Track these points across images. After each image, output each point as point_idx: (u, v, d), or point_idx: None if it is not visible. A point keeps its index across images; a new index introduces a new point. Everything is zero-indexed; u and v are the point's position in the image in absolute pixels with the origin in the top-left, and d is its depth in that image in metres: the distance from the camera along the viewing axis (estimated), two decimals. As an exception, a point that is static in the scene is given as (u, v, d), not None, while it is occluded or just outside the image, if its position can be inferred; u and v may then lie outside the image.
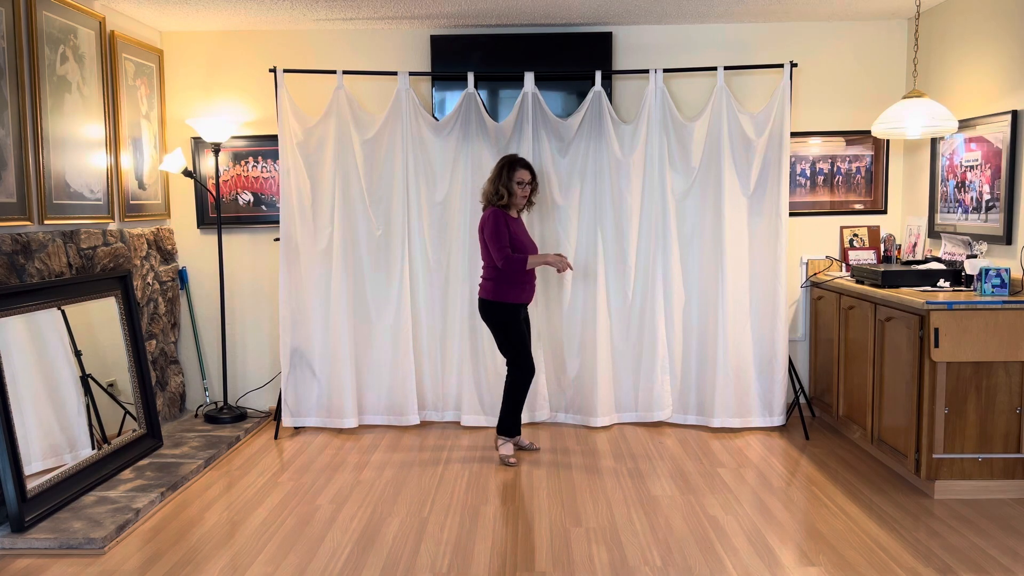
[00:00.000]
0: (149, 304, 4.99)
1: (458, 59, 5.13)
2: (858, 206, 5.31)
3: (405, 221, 5.01)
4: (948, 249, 4.55)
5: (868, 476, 4.15)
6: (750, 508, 3.73)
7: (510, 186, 4.34)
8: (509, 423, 4.44)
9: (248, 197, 5.35)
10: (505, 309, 4.35)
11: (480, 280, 4.50)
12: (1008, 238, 4.13)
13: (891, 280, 4.24)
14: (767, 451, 4.58)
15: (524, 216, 4.88)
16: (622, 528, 3.52)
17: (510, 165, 4.36)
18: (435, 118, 5.10)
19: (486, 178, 4.99)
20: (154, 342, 5.03)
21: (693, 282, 5.04)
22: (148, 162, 5.06)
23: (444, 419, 5.21)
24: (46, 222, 4.01)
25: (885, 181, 5.28)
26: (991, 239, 4.24)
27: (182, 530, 3.58)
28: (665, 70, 4.99)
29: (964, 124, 4.48)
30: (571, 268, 4.51)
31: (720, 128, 4.89)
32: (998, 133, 4.19)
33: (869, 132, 5.20)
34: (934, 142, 4.83)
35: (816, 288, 5.12)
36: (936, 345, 3.70)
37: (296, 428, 5.12)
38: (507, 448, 4.42)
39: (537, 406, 5.10)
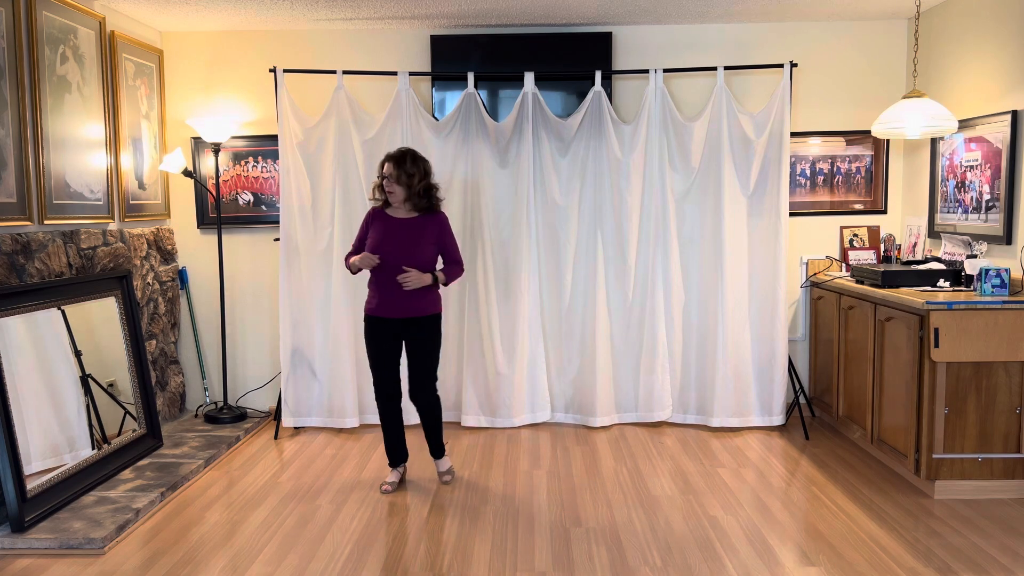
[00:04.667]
0: (149, 304, 4.99)
1: (458, 59, 5.13)
2: (858, 206, 5.31)
3: (405, 221, 5.01)
4: (948, 249, 4.55)
5: (868, 476, 4.15)
6: (750, 508, 3.73)
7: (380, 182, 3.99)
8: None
9: (248, 197, 5.35)
10: (365, 321, 4.00)
11: None
12: (1008, 238, 4.13)
13: (891, 280, 4.23)
14: (767, 451, 4.58)
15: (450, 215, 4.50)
16: (622, 528, 3.52)
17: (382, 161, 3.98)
18: (435, 118, 5.10)
19: (485, 178, 5.00)
20: (154, 342, 5.03)
21: (693, 282, 5.04)
22: (148, 162, 5.06)
23: (444, 419, 5.19)
24: (46, 222, 4.01)
25: (885, 181, 5.28)
26: (991, 239, 4.24)
27: (182, 530, 3.58)
28: (665, 70, 4.99)
29: (964, 124, 4.48)
30: (378, 263, 3.86)
31: (720, 128, 4.89)
32: (998, 133, 4.19)
33: (869, 132, 5.20)
34: (934, 142, 4.83)
35: (816, 288, 5.12)
36: (936, 345, 3.70)
37: (296, 428, 5.12)
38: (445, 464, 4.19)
39: (537, 406, 5.11)
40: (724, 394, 4.94)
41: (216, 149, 5.08)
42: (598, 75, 4.95)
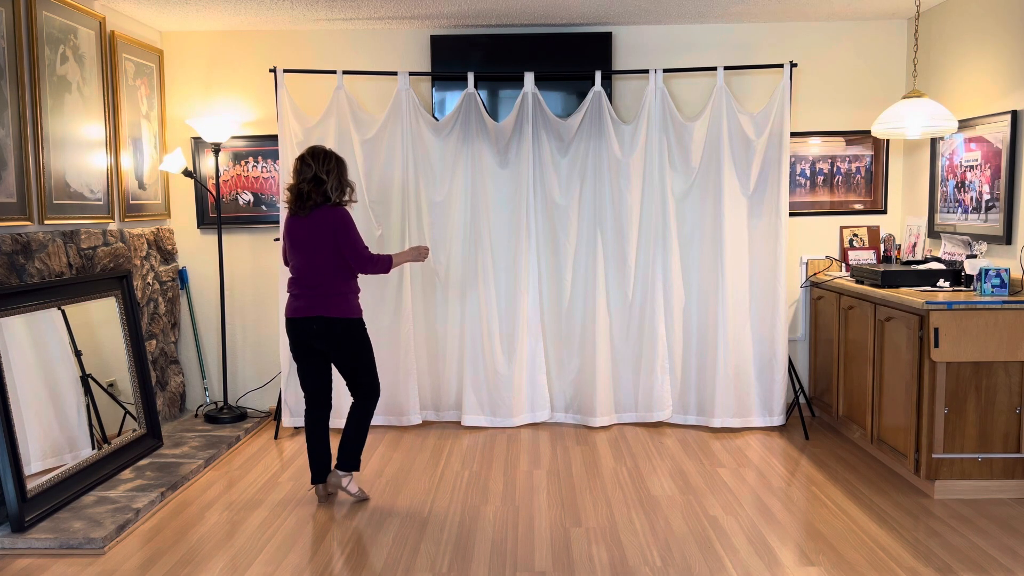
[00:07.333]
0: (149, 304, 4.99)
1: (458, 59, 5.13)
2: (858, 206, 5.31)
3: (405, 221, 5.01)
4: (948, 249, 4.55)
5: (868, 476, 4.15)
6: (750, 508, 3.73)
7: None
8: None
9: (248, 197, 5.35)
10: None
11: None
12: (1008, 238, 4.13)
13: (891, 280, 4.24)
14: (767, 451, 4.58)
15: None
16: (622, 528, 3.52)
17: None
18: (435, 118, 5.10)
19: (486, 178, 5.00)
20: (154, 342, 5.03)
21: (693, 282, 5.04)
22: (148, 162, 5.06)
23: (444, 419, 5.21)
24: (46, 222, 4.01)
25: (885, 181, 5.28)
26: (991, 239, 4.24)
27: (182, 530, 3.58)
28: (665, 70, 4.99)
29: (964, 124, 4.48)
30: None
31: (720, 128, 4.89)
32: (998, 133, 4.19)
33: (869, 132, 5.20)
34: (934, 142, 4.83)
35: (816, 288, 5.12)
36: (936, 345, 3.70)
37: (296, 428, 5.12)
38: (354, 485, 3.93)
39: (537, 406, 5.11)
40: (724, 394, 4.93)
41: (216, 149, 5.08)
42: (598, 75, 4.95)
